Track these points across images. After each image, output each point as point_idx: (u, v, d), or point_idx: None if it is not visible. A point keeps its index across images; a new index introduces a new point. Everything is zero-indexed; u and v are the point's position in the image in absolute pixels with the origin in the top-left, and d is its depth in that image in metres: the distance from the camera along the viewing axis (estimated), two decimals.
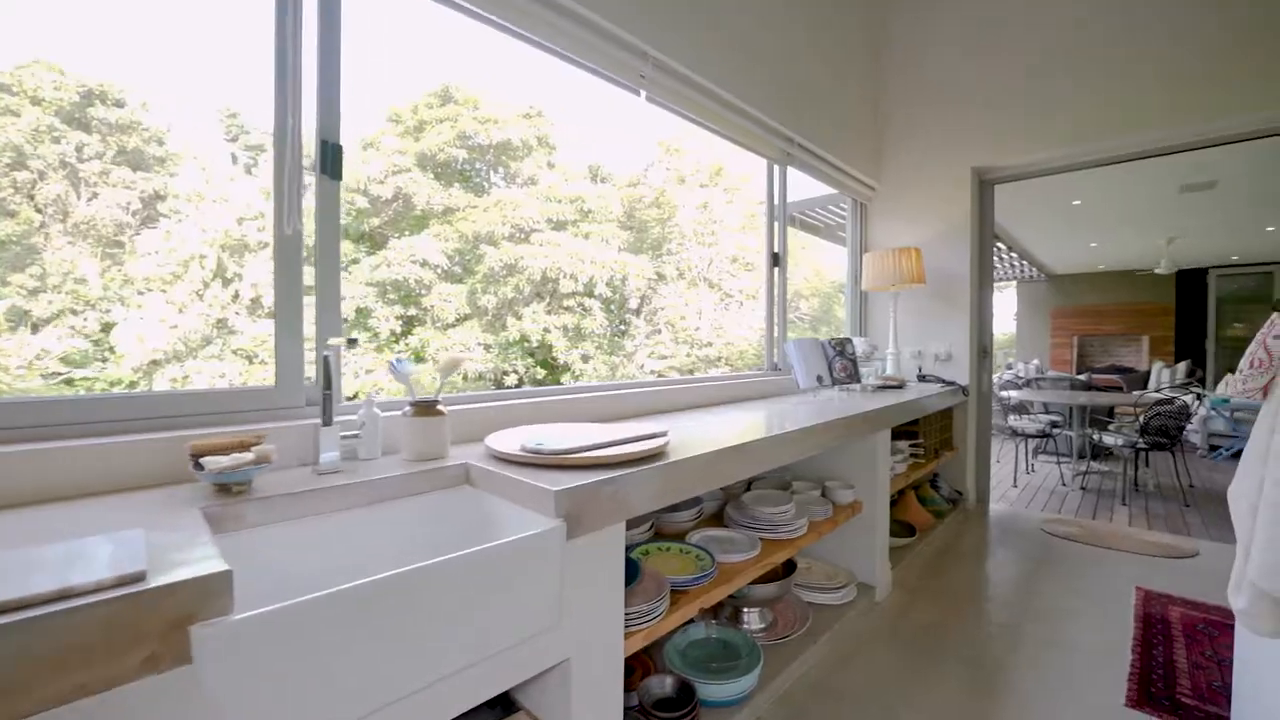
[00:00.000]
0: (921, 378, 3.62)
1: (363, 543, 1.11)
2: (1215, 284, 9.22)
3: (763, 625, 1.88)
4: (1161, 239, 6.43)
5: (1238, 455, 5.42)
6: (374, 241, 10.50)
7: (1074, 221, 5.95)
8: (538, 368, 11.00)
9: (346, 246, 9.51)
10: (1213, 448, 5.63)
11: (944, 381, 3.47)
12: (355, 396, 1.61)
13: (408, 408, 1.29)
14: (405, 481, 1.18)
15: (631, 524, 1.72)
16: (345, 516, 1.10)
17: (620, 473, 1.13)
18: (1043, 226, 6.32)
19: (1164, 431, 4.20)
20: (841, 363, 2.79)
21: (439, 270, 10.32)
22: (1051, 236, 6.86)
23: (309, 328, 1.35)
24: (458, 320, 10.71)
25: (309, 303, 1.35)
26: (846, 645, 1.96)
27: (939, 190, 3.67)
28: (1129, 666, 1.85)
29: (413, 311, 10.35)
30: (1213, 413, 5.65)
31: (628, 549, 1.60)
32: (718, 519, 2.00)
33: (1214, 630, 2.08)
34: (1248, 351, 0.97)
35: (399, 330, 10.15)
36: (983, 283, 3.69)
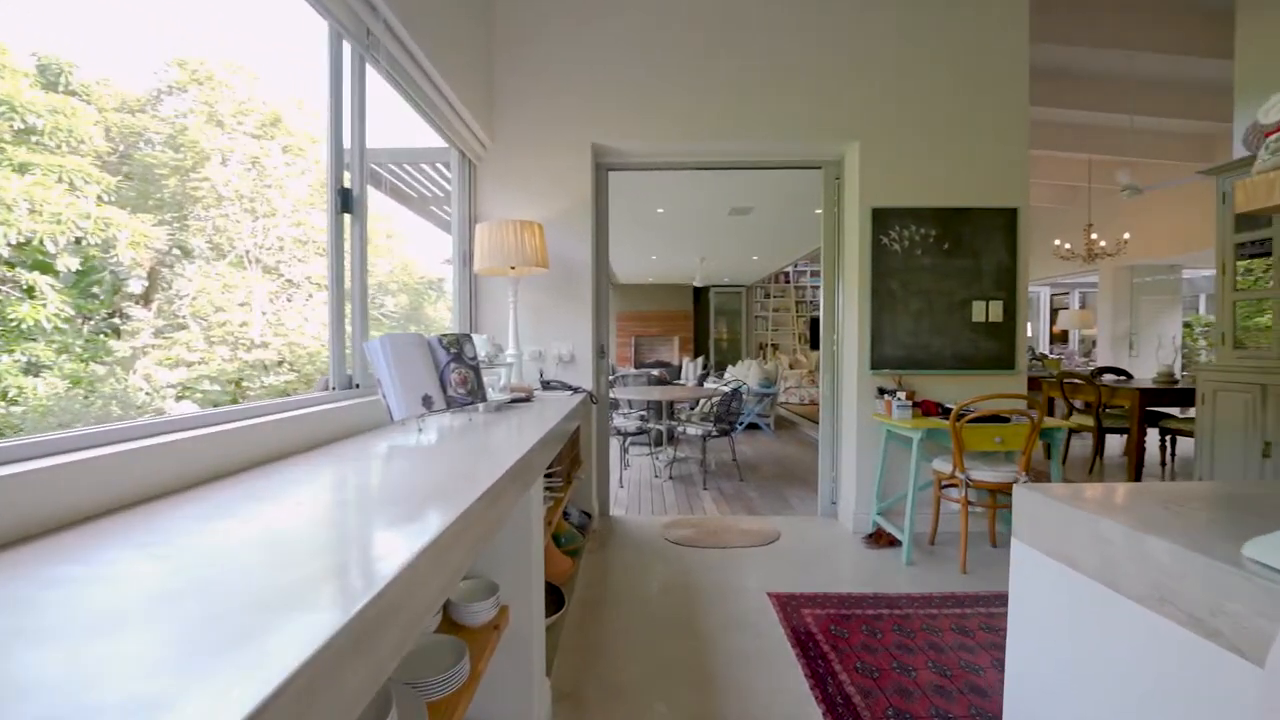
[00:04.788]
0: (546, 384, 3.00)
1: None
2: (714, 299, 12.37)
3: None
4: (698, 257, 7.99)
5: (749, 428, 7.01)
6: None
7: (649, 231, 6.65)
8: None
9: None
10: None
11: (571, 388, 2.93)
12: None
13: None
14: None
15: None
16: None
17: None
18: (623, 236, 6.87)
19: (723, 418, 4.87)
20: (459, 371, 1.81)
21: None
22: (628, 247, 7.62)
23: None
24: None
25: None
26: None
27: (560, 160, 3.12)
28: None
29: None
30: None
31: None
32: None
33: (841, 630, 2.07)
34: None
35: None
36: (600, 273, 3.35)
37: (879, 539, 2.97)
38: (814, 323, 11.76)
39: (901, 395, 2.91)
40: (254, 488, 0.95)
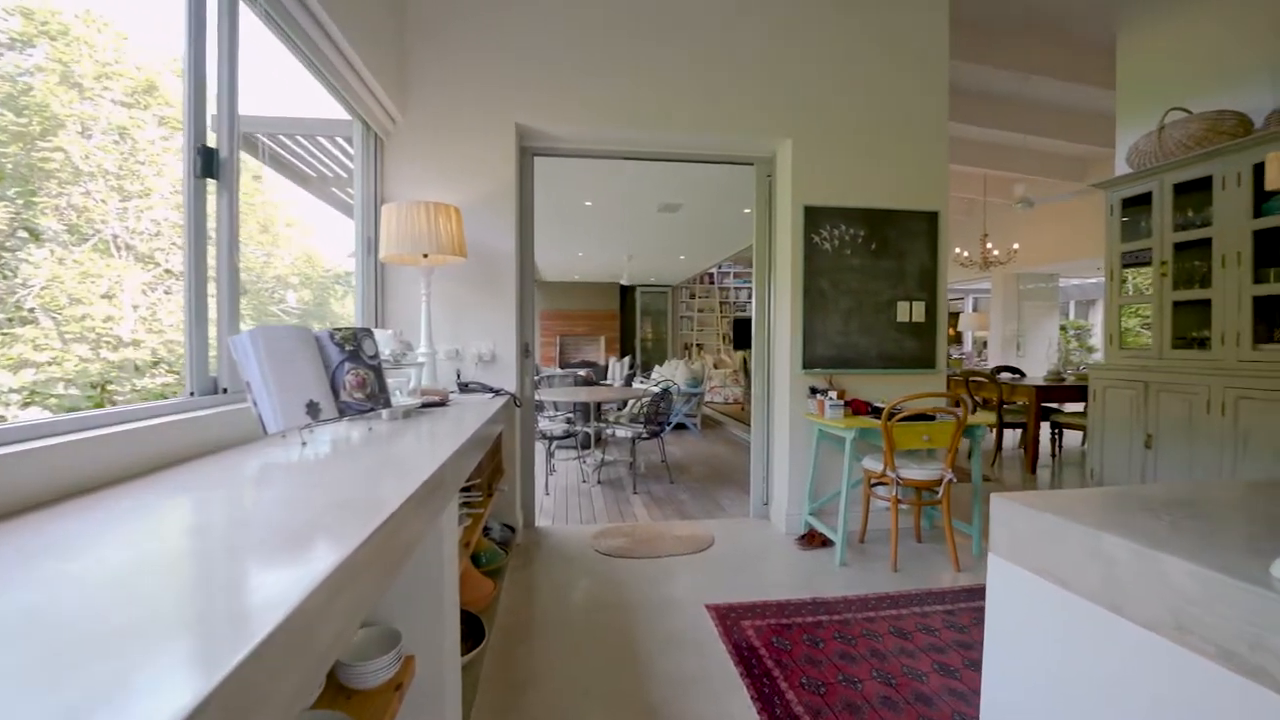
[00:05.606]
0: (464, 386, 2.72)
1: None
2: (640, 298, 12.31)
3: None
4: (625, 255, 7.85)
5: (676, 428, 6.96)
6: None
7: (577, 225, 6.42)
8: None
9: None
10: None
11: (492, 390, 2.67)
12: None
13: None
14: None
15: None
16: None
17: None
18: (550, 230, 6.60)
19: (652, 419, 4.75)
20: (356, 373, 1.54)
21: None
22: (555, 242, 7.34)
23: None
24: None
25: None
26: None
27: (481, 141, 2.85)
28: None
29: None
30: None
31: None
32: None
33: (783, 641, 1.98)
34: None
35: None
36: (525, 266, 3.11)
37: (812, 540, 2.95)
38: (737, 323, 11.99)
39: (833, 395, 2.90)
40: (52, 532, 0.67)
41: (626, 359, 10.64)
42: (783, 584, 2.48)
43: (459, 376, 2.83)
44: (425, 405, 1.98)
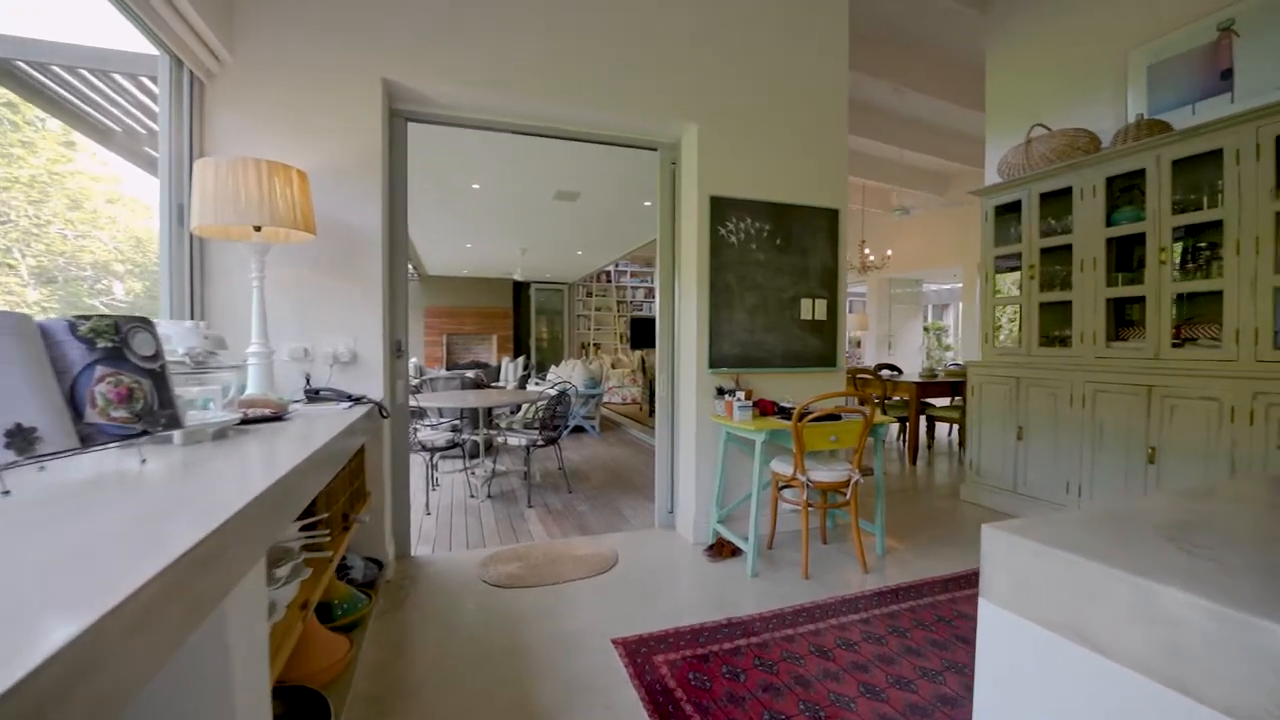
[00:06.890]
0: (314, 394, 2.22)
1: None
2: (535, 296, 11.81)
3: None
4: (519, 248, 7.37)
5: (573, 430, 6.64)
6: None
7: (464, 213, 5.86)
8: None
9: None
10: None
11: (350, 398, 2.20)
12: None
13: None
14: None
15: None
16: None
17: None
18: (432, 218, 5.99)
19: (549, 424, 4.40)
20: (119, 380, 1.06)
21: None
22: (439, 231, 6.70)
23: None
24: None
25: None
26: None
27: (338, 97, 2.35)
28: None
29: None
30: None
31: None
32: None
33: (701, 677, 1.76)
34: None
35: None
36: (396, 249, 2.65)
37: (721, 550, 2.79)
38: (635, 322, 11.89)
39: (741, 395, 2.76)
40: None
41: (521, 359, 10.11)
42: (695, 605, 2.28)
43: (308, 382, 2.31)
44: (249, 421, 1.51)
